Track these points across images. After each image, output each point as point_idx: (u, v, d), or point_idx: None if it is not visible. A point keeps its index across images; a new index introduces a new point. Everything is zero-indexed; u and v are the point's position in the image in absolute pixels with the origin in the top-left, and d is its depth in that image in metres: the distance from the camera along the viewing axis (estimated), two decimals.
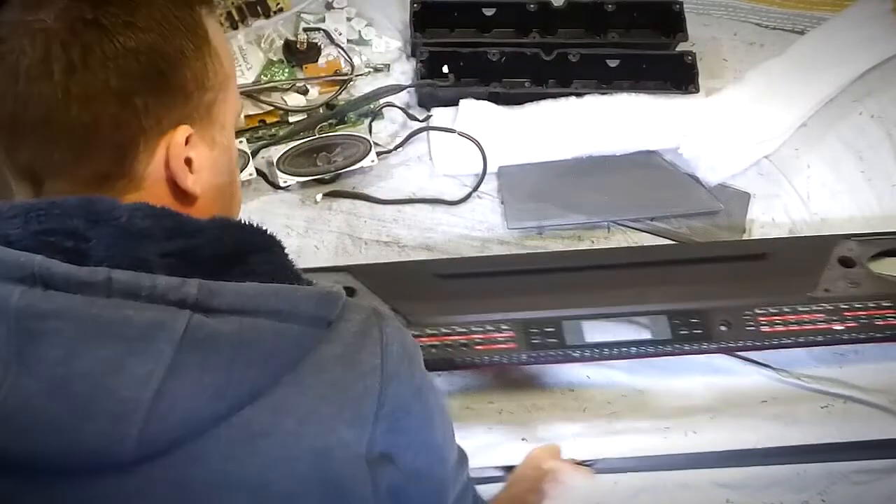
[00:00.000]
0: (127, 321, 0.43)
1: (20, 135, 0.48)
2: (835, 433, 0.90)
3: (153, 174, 0.50)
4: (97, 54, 0.47)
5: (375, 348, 0.49)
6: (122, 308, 0.43)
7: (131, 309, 0.43)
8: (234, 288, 0.46)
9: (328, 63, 1.09)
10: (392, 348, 0.50)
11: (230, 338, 0.44)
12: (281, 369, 0.46)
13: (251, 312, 0.46)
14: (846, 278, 0.90)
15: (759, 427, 0.90)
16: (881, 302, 0.89)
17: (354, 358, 0.48)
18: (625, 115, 1.05)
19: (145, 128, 0.49)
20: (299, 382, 0.46)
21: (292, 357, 0.46)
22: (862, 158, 1.09)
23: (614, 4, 1.10)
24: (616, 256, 0.94)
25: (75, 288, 0.44)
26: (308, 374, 0.46)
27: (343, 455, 0.47)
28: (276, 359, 0.46)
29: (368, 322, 0.50)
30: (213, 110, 0.53)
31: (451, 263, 0.93)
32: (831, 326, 0.87)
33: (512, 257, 0.96)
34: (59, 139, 0.48)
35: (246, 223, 0.52)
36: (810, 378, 0.93)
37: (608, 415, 0.91)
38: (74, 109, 0.47)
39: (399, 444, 0.51)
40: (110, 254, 0.46)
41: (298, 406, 0.46)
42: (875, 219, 1.05)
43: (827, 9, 1.20)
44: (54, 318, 0.43)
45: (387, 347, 0.50)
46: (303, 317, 0.47)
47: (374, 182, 1.04)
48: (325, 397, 0.47)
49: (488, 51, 1.07)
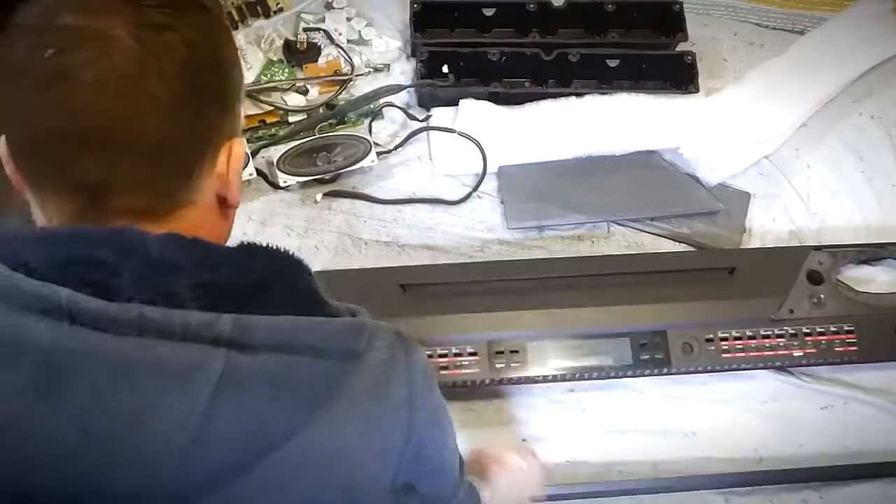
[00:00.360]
0: (161, 362, 0.42)
1: (85, 147, 0.45)
2: (835, 434, 0.90)
3: (209, 187, 0.50)
4: (172, 64, 0.45)
5: (402, 377, 0.49)
6: (155, 348, 0.42)
7: (165, 348, 0.42)
8: (267, 323, 0.45)
9: (328, 63, 1.09)
10: (417, 376, 0.50)
11: (267, 378, 0.43)
12: (315, 407, 0.45)
13: (286, 349, 0.44)
14: (812, 297, 0.92)
15: (759, 428, 0.90)
16: (842, 325, 0.91)
17: (384, 389, 0.48)
18: (625, 115, 1.05)
19: (213, 140, 0.49)
20: (332, 419, 0.45)
21: (326, 393, 0.45)
22: (862, 158, 1.09)
23: (614, 4, 1.10)
24: (587, 266, 0.94)
25: (104, 324, 0.42)
26: (340, 410, 0.45)
27: (372, 490, 0.47)
28: (312, 397, 0.45)
29: (394, 349, 0.49)
30: (239, 123, 0.52)
31: (418, 272, 0.93)
32: (791, 353, 0.89)
33: (475, 267, 0.95)
34: (131, 153, 0.45)
35: (273, 248, 0.50)
36: (810, 378, 0.93)
37: (608, 415, 0.91)
38: (150, 121, 0.45)
39: (421, 473, 0.51)
40: (140, 288, 0.44)
41: (331, 443, 0.45)
42: (874, 219, 1.05)
43: (827, 9, 1.20)
44: (85, 357, 0.41)
45: (413, 376, 0.49)
46: (335, 351, 0.46)
47: (374, 182, 1.04)
48: (356, 433, 0.46)
49: (488, 51, 1.07)
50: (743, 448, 0.89)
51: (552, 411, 0.90)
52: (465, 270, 0.93)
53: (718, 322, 0.90)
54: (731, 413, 0.91)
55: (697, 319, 0.90)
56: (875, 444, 0.90)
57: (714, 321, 0.90)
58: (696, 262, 0.96)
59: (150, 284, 0.44)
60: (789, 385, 0.92)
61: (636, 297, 0.90)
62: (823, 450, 0.90)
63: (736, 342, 0.89)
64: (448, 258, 0.99)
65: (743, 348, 0.89)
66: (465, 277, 0.91)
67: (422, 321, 0.88)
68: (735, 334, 0.89)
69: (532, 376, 0.87)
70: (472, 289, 0.90)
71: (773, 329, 0.90)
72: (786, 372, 0.93)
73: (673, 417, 0.91)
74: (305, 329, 0.46)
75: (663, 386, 0.92)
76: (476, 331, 0.88)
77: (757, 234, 1.03)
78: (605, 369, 0.88)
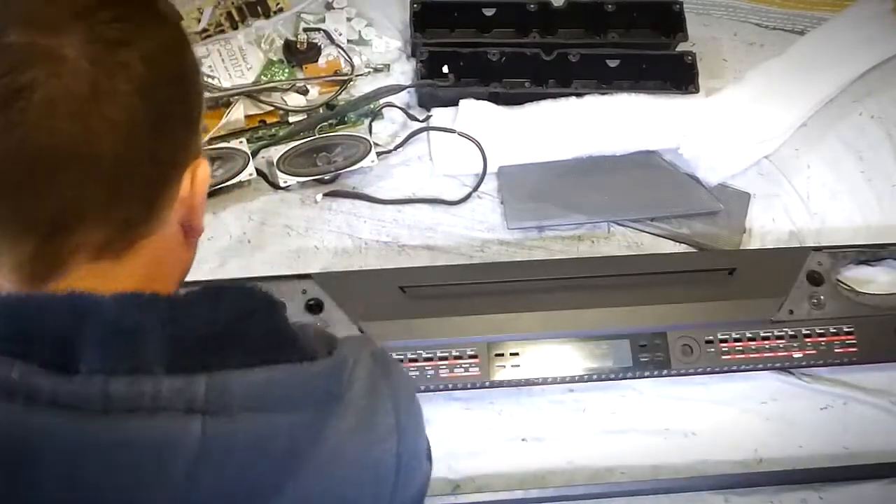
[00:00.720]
0: (132, 441, 0.39)
1: (36, 177, 0.41)
2: (835, 434, 0.90)
3: (172, 214, 0.46)
4: (128, 83, 0.41)
5: (387, 404, 0.47)
6: (124, 425, 0.39)
7: (135, 425, 0.39)
8: (243, 380, 0.42)
9: (328, 63, 1.09)
10: (401, 397, 0.48)
11: (247, 442, 0.41)
12: (300, 461, 0.43)
13: (264, 407, 0.42)
14: (812, 298, 0.92)
15: (759, 428, 0.90)
16: (842, 326, 0.91)
17: (370, 424, 0.46)
18: (625, 115, 1.05)
19: (177, 162, 0.45)
20: (319, 469, 0.44)
21: (310, 445, 0.43)
22: (862, 158, 1.09)
23: (614, 4, 1.10)
24: (587, 268, 0.94)
25: (66, 401, 0.38)
26: (326, 456, 0.44)
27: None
28: (295, 451, 0.43)
29: (374, 376, 0.47)
30: (200, 138, 0.49)
31: (417, 274, 0.93)
32: (791, 354, 0.89)
33: (474, 268, 0.95)
34: (87, 180, 0.41)
35: (240, 288, 0.46)
36: (810, 378, 0.93)
37: (608, 415, 0.91)
38: (106, 146, 0.41)
39: (409, 494, 0.50)
40: (102, 358, 0.40)
41: (320, 493, 0.44)
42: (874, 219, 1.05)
43: (827, 9, 1.20)
44: (46, 441, 0.37)
45: (398, 399, 0.48)
46: (315, 399, 0.44)
47: (374, 182, 1.04)
48: (345, 478, 0.45)
49: (488, 51, 1.07)
50: (743, 448, 0.89)
51: (552, 411, 0.90)
52: (465, 272, 0.93)
53: (718, 323, 0.90)
54: (731, 413, 0.91)
55: (697, 321, 0.89)
56: (875, 445, 0.90)
57: (714, 322, 0.90)
58: (695, 263, 0.96)
59: (113, 353, 0.40)
60: (789, 385, 0.92)
61: (636, 298, 0.90)
62: (823, 450, 0.90)
63: (736, 343, 0.89)
64: (448, 258, 0.99)
65: (743, 350, 0.89)
66: (464, 279, 0.91)
67: (421, 323, 0.88)
68: (735, 335, 0.89)
69: (531, 379, 0.87)
70: (471, 290, 0.90)
71: (773, 330, 0.90)
72: (786, 372, 0.93)
73: (673, 418, 0.91)
74: (283, 382, 0.43)
75: (663, 386, 0.92)
76: (475, 333, 0.88)
77: (757, 235, 1.03)
78: (604, 371, 0.88)
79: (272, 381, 0.43)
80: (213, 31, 1.09)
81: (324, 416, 0.44)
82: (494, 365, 0.87)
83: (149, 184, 0.44)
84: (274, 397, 0.42)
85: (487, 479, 0.86)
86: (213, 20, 1.09)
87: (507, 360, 0.87)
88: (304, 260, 0.97)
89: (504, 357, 0.87)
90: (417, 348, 0.87)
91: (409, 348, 0.87)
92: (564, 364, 0.88)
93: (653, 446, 0.89)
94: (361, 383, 0.46)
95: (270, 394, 0.42)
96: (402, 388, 0.49)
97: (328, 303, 0.88)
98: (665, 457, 0.89)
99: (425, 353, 0.87)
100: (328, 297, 0.89)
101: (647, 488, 0.86)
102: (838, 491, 0.87)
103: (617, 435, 0.90)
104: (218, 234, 0.98)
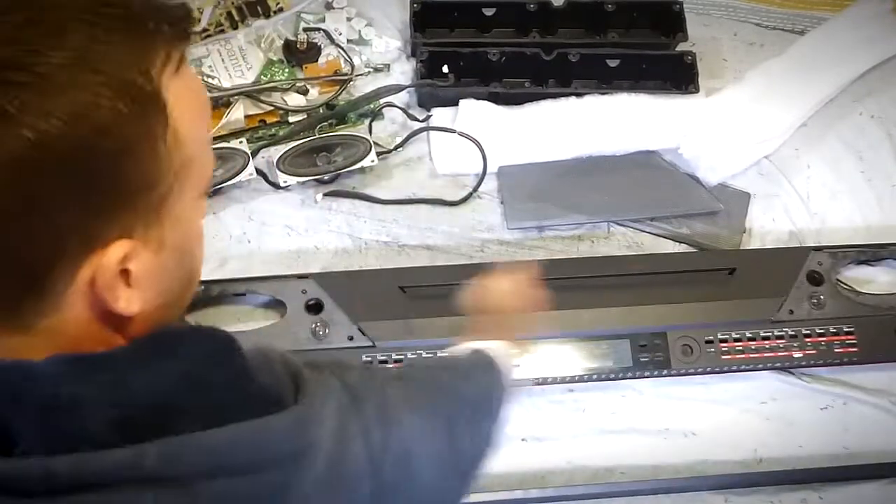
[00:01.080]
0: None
1: None
2: (835, 434, 0.90)
3: (75, 294, 0.38)
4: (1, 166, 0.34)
5: (358, 440, 0.44)
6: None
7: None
8: (198, 444, 0.37)
9: (328, 63, 1.09)
10: (372, 427, 0.45)
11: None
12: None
13: (223, 472, 0.38)
14: (812, 298, 0.92)
15: (758, 428, 0.90)
16: (842, 327, 0.91)
17: (338, 473, 0.42)
18: (625, 115, 1.05)
19: (65, 247, 0.37)
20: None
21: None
22: (862, 158, 1.09)
23: (614, 4, 1.10)
24: (587, 268, 0.94)
25: (4, 483, 0.35)
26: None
27: None
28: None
29: (344, 414, 0.44)
30: (165, 207, 0.39)
31: (417, 274, 0.93)
32: (791, 354, 0.90)
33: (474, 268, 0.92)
34: None
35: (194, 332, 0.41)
36: (810, 378, 0.93)
37: (608, 415, 0.91)
38: None
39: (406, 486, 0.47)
40: (42, 435, 0.36)
41: None
42: (874, 219, 1.05)
43: (827, 9, 1.20)
44: None
45: (368, 430, 0.44)
46: (280, 457, 0.40)
47: (374, 182, 1.04)
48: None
49: (488, 51, 1.07)
50: (743, 448, 0.90)
51: (552, 411, 0.91)
52: (465, 272, 0.93)
53: (718, 323, 0.90)
54: (731, 413, 0.91)
55: (697, 321, 0.89)
56: (875, 445, 0.90)
57: (714, 322, 0.90)
58: (695, 263, 0.96)
59: (51, 429, 0.36)
60: (789, 385, 0.92)
61: (636, 298, 0.91)
62: (823, 450, 0.90)
63: (736, 343, 0.89)
64: (448, 258, 0.99)
65: (743, 350, 0.89)
66: (464, 279, 0.91)
67: (421, 323, 0.88)
68: (735, 335, 0.89)
69: (531, 379, 0.87)
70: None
71: (773, 330, 0.90)
72: (786, 372, 0.93)
73: (673, 418, 0.91)
74: (243, 442, 0.39)
75: (663, 386, 0.92)
76: None
77: (757, 235, 1.03)
78: (604, 371, 0.88)
79: (231, 442, 0.38)
80: (213, 31, 1.09)
81: (289, 473, 0.40)
82: None
83: (26, 268, 0.37)
84: (234, 460, 0.38)
85: (487, 479, 0.86)
86: (213, 20, 1.09)
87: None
88: (304, 260, 0.97)
89: None
90: (417, 348, 0.87)
91: (409, 348, 0.87)
92: (564, 364, 0.88)
93: (653, 446, 0.89)
94: (329, 426, 0.42)
95: (230, 456, 0.38)
96: (372, 415, 0.46)
97: (328, 303, 0.88)
98: (665, 457, 0.89)
99: (425, 353, 0.87)
100: (328, 297, 0.89)
101: (647, 488, 0.86)
102: (838, 491, 0.87)
103: (617, 435, 0.90)
104: (218, 234, 0.98)
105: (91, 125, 0.35)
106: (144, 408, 0.38)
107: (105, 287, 0.38)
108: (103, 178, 0.36)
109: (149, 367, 0.39)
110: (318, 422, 0.42)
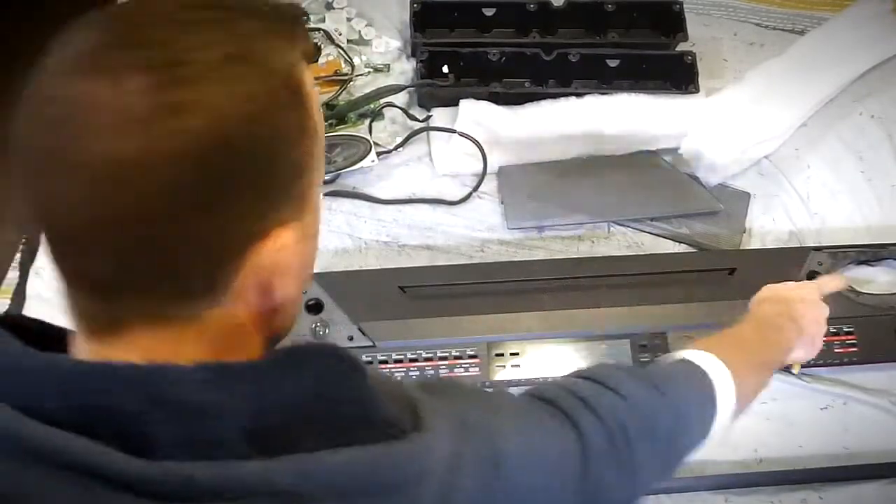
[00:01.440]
0: None
1: (79, 240, 0.37)
2: (834, 434, 0.90)
3: (239, 287, 0.40)
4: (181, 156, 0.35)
5: (466, 477, 0.43)
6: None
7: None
8: (329, 463, 0.38)
9: (328, 63, 1.09)
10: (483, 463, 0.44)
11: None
12: None
13: (351, 493, 0.38)
14: None
15: (759, 428, 0.90)
16: (842, 327, 0.91)
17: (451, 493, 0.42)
18: (625, 115, 1.05)
19: (241, 235, 0.39)
20: None
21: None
22: (862, 158, 1.09)
23: (614, 4, 1.10)
24: (587, 268, 0.93)
25: (141, 488, 0.35)
26: None
27: None
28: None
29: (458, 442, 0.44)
30: (308, 195, 0.42)
31: (417, 274, 0.93)
32: None
33: (474, 268, 0.95)
34: (131, 251, 0.37)
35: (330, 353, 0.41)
36: (810, 378, 0.93)
37: None
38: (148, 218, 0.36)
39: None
40: (183, 440, 0.37)
41: None
42: (874, 219, 1.05)
43: (827, 9, 1.21)
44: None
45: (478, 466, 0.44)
46: (403, 481, 0.40)
47: (374, 182, 1.04)
48: None
49: (488, 51, 1.07)
50: (743, 448, 0.89)
51: None
52: (465, 272, 0.93)
53: (718, 323, 0.89)
54: None
55: (697, 321, 0.89)
56: (875, 445, 0.90)
57: (714, 322, 0.89)
58: (695, 263, 0.96)
59: (190, 434, 0.37)
60: (789, 385, 0.92)
61: (636, 298, 0.91)
62: (823, 450, 0.89)
63: None
64: (448, 258, 0.99)
65: None
66: (464, 279, 0.91)
67: (421, 323, 0.88)
68: None
69: (531, 379, 0.87)
70: (471, 290, 0.90)
71: None
72: (786, 372, 0.93)
73: None
74: (372, 465, 0.39)
75: None
76: (475, 333, 0.88)
77: (757, 235, 1.03)
78: None
79: (360, 464, 0.39)
80: None
81: (412, 498, 0.40)
82: (494, 365, 0.87)
83: (203, 261, 0.38)
84: (361, 483, 0.38)
85: None
86: None
87: (507, 360, 0.87)
88: None
89: (504, 357, 0.88)
90: (417, 348, 0.87)
91: (409, 348, 0.87)
92: (564, 364, 0.88)
93: None
94: (443, 453, 0.43)
95: (358, 478, 0.38)
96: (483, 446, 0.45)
97: (328, 303, 0.88)
98: None
99: (425, 353, 0.87)
100: (328, 296, 0.89)
101: None
102: (838, 491, 0.87)
103: None
104: None
105: (260, 115, 0.37)
106: (277, 420, 0.38)
107: (268, 275, 0.40)
108: (271, 165, 0.39)
109: (285, 380, 0.39)
110: (434, 449, 0.42)
